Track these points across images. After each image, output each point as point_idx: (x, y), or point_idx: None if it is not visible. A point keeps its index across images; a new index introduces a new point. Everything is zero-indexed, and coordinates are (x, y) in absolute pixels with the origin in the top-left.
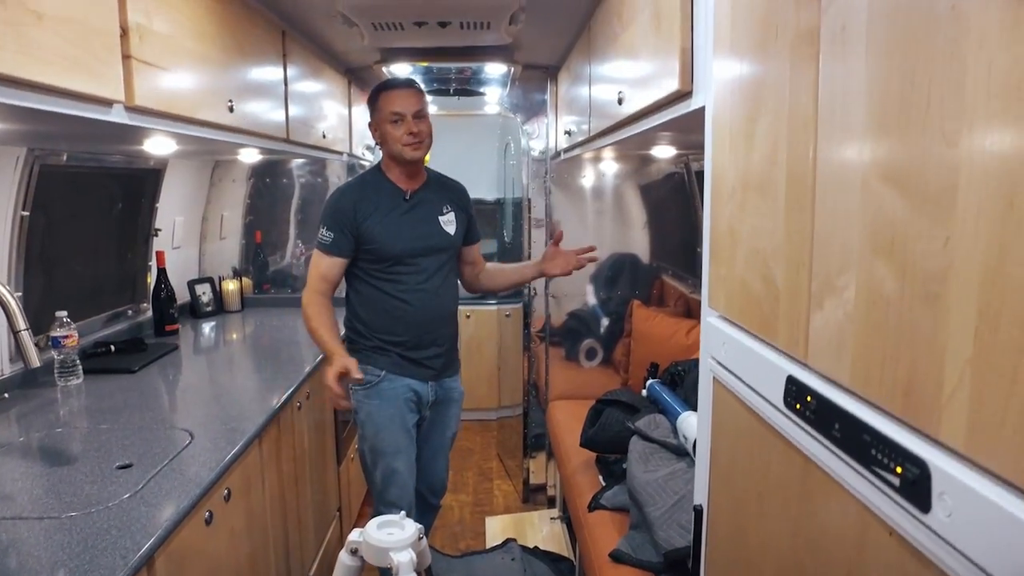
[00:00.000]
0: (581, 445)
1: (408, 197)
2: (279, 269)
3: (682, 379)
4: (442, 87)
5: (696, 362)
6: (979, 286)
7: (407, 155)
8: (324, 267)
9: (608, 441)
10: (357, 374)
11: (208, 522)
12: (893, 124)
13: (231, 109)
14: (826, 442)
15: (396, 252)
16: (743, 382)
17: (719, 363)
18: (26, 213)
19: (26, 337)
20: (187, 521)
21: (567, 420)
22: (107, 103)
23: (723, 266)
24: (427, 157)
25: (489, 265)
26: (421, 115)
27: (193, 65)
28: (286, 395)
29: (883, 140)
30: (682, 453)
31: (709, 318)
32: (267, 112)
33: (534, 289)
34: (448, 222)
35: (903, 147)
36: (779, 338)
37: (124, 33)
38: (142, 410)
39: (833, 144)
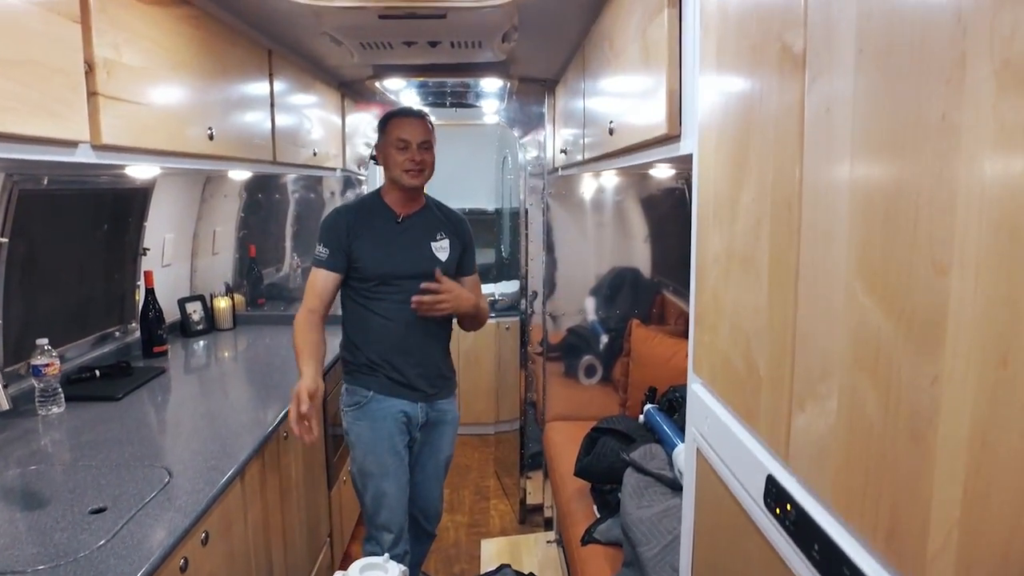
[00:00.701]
0: (575, 474)
1: (400, 220)
2: (274, 282)
3: (680, 405)
4: (438, 101)
5: None
6: (968, 442)
7: (405, 181)
8: (319, 281)
9: (603, 472)
10: (313, 400)
11: (183, 569)
12: (879, 233)
13: (211, 136)
14: (806, 560)
15: (381, 272)
16: (726, 465)
17: (703, 438)
18: (4, 240)
19: None
20: (159, 573)
21: (564, 443)
22: (71, 144)
23: (707, 333)
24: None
25: None
26: (427, 146)
27: (169, 95)
28: (271, 427)
29: (868, 249)
30: (677, 488)
31: (694, 385)
32: (252, 135)
33: (531, 307)
34: (441, 248)
35: (889, 263)
36: (761, 428)
37: (90, 69)
38: (122, 444)
39: (817, 237)
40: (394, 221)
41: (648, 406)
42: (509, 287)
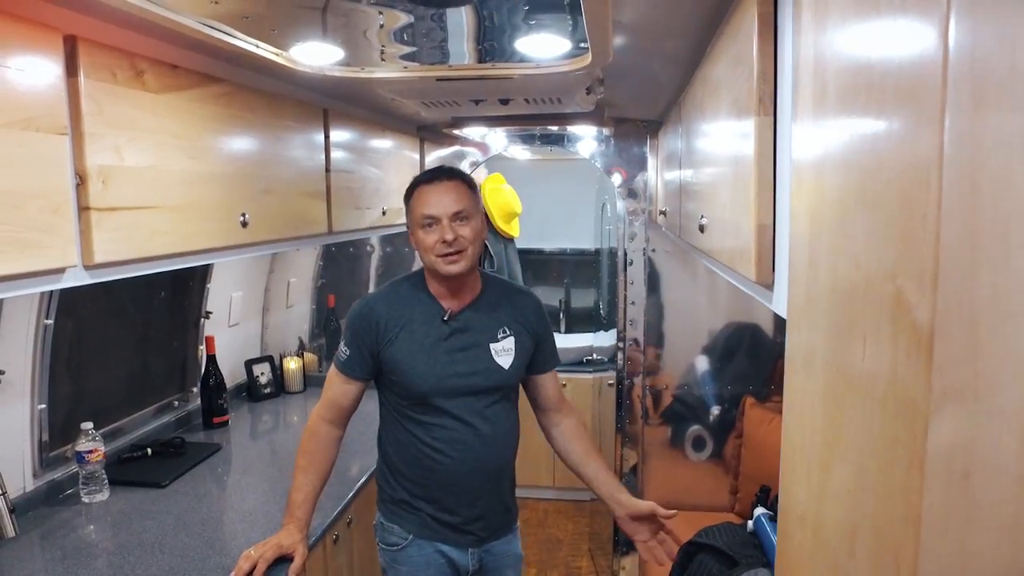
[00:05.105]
0: None
1: (448, 318)
2: None
3: None
4: (527, 143)
5: None
6: None
7: (442, 269)
8: (336, 391)
9: None
10: (295, 567)
11: None
12: None
13: (245, 223)
14: None
15: (423, 390)
16: None
17: None
18: (49, 321)
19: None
20: None
21: None
22: (55, 272)
23: None
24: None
25: (568, 429)
26: (463, 216)
27: (185, 190)
28: (320, 530)
29: None
30: None
31: None
32: (300, 209)
33: (631, 380)
34: (503, 351)
35: None
36: None
37: (82, 182)
38: (152, 551)
39: None
40: (439, 319)
41: (758, 510)
42: (609, 338)
